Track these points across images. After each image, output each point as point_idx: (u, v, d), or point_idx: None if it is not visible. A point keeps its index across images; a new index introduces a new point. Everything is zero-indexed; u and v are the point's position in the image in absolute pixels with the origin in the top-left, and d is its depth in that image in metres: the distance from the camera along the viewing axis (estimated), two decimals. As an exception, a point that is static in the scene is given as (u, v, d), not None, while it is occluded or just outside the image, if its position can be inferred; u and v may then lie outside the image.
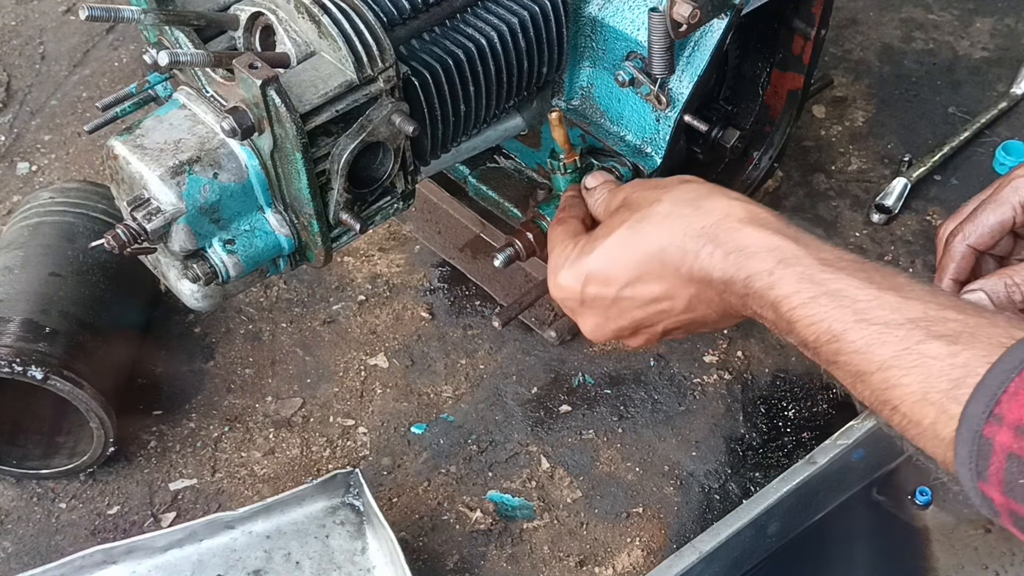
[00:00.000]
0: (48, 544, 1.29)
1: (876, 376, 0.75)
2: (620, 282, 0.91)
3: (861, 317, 0.76)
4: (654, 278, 0.89)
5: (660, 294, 0.90)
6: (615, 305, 0.93)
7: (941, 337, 0.72)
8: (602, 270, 0.92)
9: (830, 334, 0.78)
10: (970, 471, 0.69)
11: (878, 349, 0.74)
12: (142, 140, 0.95)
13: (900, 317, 0.74)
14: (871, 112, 1.79)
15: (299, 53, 0.95)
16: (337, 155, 0.94)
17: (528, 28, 1.08)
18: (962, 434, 0.69)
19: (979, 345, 0.70)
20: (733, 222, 0.84)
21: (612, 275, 0.91)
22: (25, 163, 1.76)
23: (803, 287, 0.79)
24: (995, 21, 1.95)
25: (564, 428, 1.39)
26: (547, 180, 1.34)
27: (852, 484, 1.26)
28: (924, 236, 1.58)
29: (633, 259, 0.89)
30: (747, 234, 0.83)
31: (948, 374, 0.70)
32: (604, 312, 0.94)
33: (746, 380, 1.43)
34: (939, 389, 0.71)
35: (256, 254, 0.99)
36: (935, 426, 0.71)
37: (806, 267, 0.80)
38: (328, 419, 1.40)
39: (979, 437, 0.68)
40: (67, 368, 1.23)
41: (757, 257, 0.82)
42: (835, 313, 0.77)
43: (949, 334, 0.72)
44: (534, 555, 1.27)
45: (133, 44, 1.97)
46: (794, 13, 1.26)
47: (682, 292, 0.89)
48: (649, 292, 0.90)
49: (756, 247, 0.82)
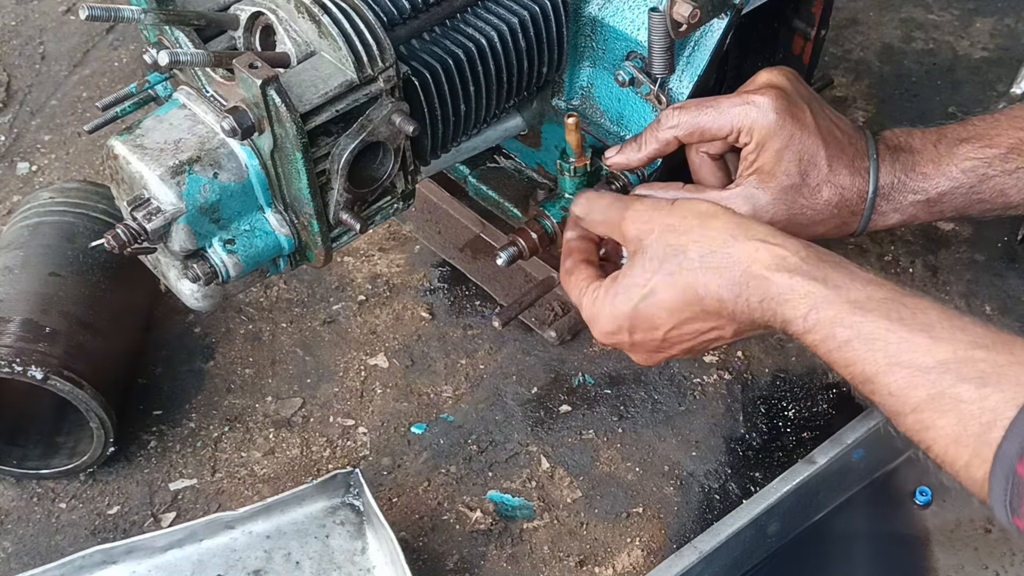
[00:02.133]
0: (48, 544, 1.29)
1: (911, 418, 0.79)
2: (666, 327, 0.95)
3: (893, 361, 0.79)
4: (699, 319, 0.93)
5: (708, 327, 0.93)
6: (665, 342, 0.97)
7: (971, 380, 0.75)
8: (645, 320, 0.95)
9: (864, 376, 0.81)
10: (1005, 508, 0.73)
11: (910, 392, 0.78)
12: (142, 140, 0.95)
13: (931, 360, 0.77)
14: (871, 112, 1.78)
15: (299, 53, 0.95)
16: (337, 155, 0.95)
17: (528, 28, 1.08)
18: (996, 473, 0.73)
19: (1007, 386, 0.74)
20: (760, 269, 0.86)
21: (656, 322, 0.94)
22: (25, 163, 1.76)
23: (836, 331, 0.82)
24: (995, 21, 1.95)
25: (564, 428, 1.39)
26: (547, 180, 1.34)
27: (852, 484, 1.26)
28: (924, 236, 1.58)
29: (675, 307, 0.92)
30: (776, 282, 0.86)
31: (979, 418, 0.74)
32: (656, 348, 0.98)
33: (746, 380, 1.43)
34: (971, 432, 0.74)
35: (256, 254, 0.99)
36: (968, 468, 0.76)
37: (838, 311, 0.82)
38: (328, 419, 1.40)
39: (1013, 475, 0.72)
40: (67, 368, 1.23)
41: (789, 304, 0.85)
42: (868, 356, 0.80)
43: (979, 376, 0.75)
44: (534, 555, 1.27)
45: (133, 44, 1.97)
46: (794, 13, 1.26)
47: (728, 326, 0.92)
48: (697, 328, 0.94)
49: (787, 294, 0.85)
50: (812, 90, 1.04)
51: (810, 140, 1.00)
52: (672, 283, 0.91)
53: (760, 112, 0.98)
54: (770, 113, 0.98)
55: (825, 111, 1.03)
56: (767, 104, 0.98)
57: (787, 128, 0.99)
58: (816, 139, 1.00)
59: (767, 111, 0.98)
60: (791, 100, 1.00)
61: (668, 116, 1.02)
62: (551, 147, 1.29)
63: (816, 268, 0.85)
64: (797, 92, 1.01)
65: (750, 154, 1.01)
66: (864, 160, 1.03)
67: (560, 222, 1.11)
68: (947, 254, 1.56)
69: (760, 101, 0.99)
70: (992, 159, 1.01)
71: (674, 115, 1.02)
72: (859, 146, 1.03)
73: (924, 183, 1.03)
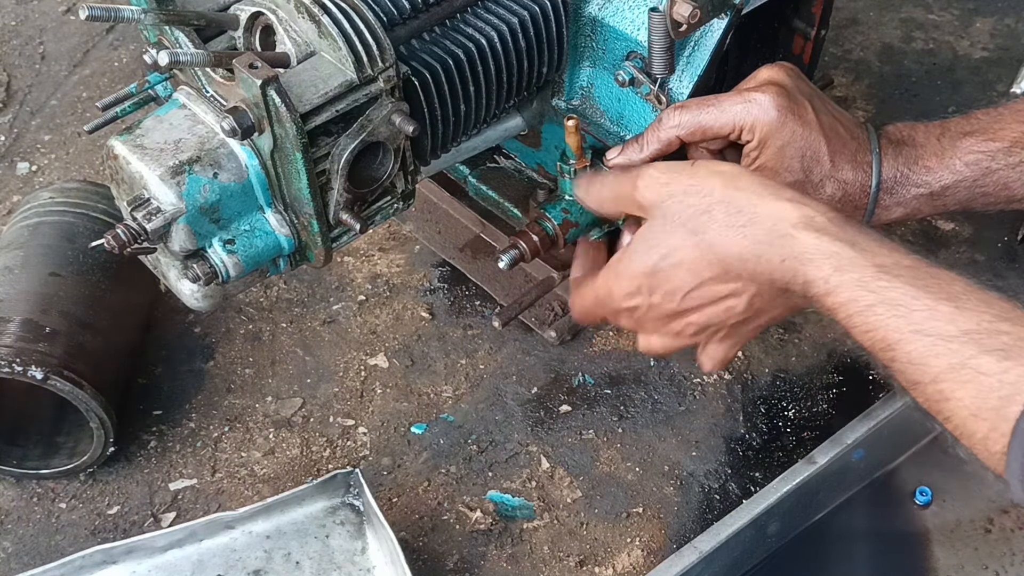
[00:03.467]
0: (48, 544, 1.29)
1: (930, 387, 0.77)
2: (686, 288, 0.92)
3: (916, 328, 0.78)
4: (718, 281, 0.90)
5: (725, 292, 0.91)
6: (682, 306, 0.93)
7: (993, 352, 0.74)
8: (665, 280, 0.92)
9: (885, 343, 0.80)
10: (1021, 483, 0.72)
11: (932, 361, 0.77)
12: (142, 140, 0.95)
13: (954, 329, 0.76)
14: (871, 112, 1.78)
15: (299, 53, 0.95)
16: (337, 155, 0.95)
17: (528, 28, 1.08)
18: (1013, 448, 0.72)
19: None
20: (787, 227, 0.84)
21: (676, 283, 0.92)
22: (25, 163, 1.76)
23: (860, 295, 0.81)
24: (995, 21, 1.95)
25: (564, 428, 1.39)
26: (547, 180, 1.34)
27: (852, 484, 1.26)
28: (924, 236, 1.58)
29: (697, 267, 0.90)
30: (802, 240, 0.84)
31: (998, 391, 0.73)
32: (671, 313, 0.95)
33: (746, 380, 1.43)
34: (990, 406, 0.73)
35: (256, 254, 0.99)
36: (986, 441, 0.75)
37: (862, 274, 0.81)
38: (328, 419, 1.40)
39: None
40: (67, 368, 1.23)
41: (813, 264, 0.83)
42: (891, 322, 0.79)
43: (1001, 348, 0.74)
44: (534, 555, 1.27)
45: (133, 44, 1.97)
46: (794, 13, 1.26)
47: (745, 291, 0.90)
48: (714, 292, 0.91)
49: (812, 253, 0.83)
50: (813, 85, 1.04)
51: (812, 136, 1.00)
52: (696, 243, 0.89)
53: (761, 110, 0.98)
54: (771, 110, 0.98)
55: (827, 106, 1.03)
56: (768, 102, 0.98)
57: (789, 125, 0.98)
58: (818, 135, 1.00)
59: (768, 108, 0.98)
60: (792, 97, 0.99)
61: (669, 116, 1.02)
62: (551, 147, 1.29)
63: (843, 231, 0.83)
64: (798, 88, 1.01)
65: (752, 151, 1.01)
66: (867, 155, 1.03)
67: (561, 224, 1.11)
68: (947, 254, 1.56)
69: (761, 99, 0.99)
70: (995, 152, 1.01)
71: (675, 114, 1.02)
72: (861, 141, 1.03)
73: (927, 177, 1.03)
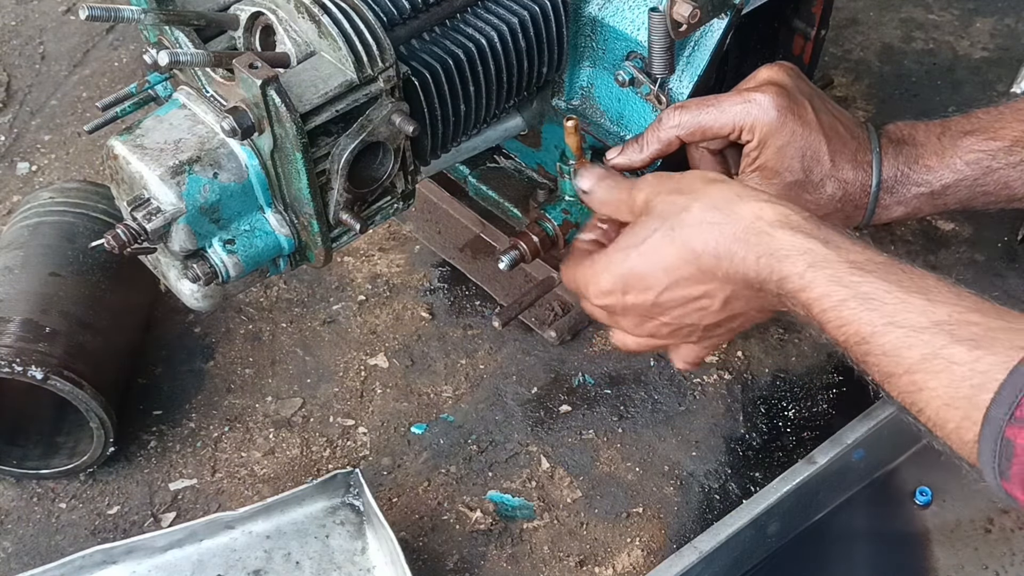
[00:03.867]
0: (48, 544, 1.29)
1: (904, 379, 0.78)
2: (659, 286, 0.93)
3: (889, 320, 0.78)
4: (693, 282, 0.91)
5: (699, 294, 0.92)
6: (656, 306, 0.94)
7: (964, 341, 0.75)
8: (639, 279, 0.93)
9: (859, 336, 0.80)
10: (993, 471, 0.73)
11: (905, 352, 0.77)
12: (142, 140, 0.95)
13: (926, 321, 0.77)
14: (871, 112, 1.78)
15: (299, 53, 0.95)
16: (337, 155, 0.95)
17: (528, 28, 1.08)
18: (985, 436, 0.72)
19: (999, 349, 0.73)
20: (764, 225, 0.86)
21: (650, 281, 0.93)
22: (25, 163, 1.76)
23: (833, 290, 0.82)
24: (995, 21, 1.95)
25: (564, 428, 1.39)
26: (547, 180, 1.34)
27: (852, 484, 1.26)
28: (924, 236, 1.58)
29: (671, 264, 0.91)
30: (778, 237, 0.85)
31: (970, 380, 0.74)
32: (646, 313, 0.96)
33: (746, 380, 1.43)
34: (962, 395, 0.74)
35: (256, 254, 0.99)
36: (959, 430, 0.75)
37: (836, 270, 0.82)
38: (328, 419, 1.40)
39: (1001, 439, 0.71)
40: (67, 368, 1.23)
41: (788, 260, 0.84)
42: (864, 316, 0.80)
43: (972, 338, 0.75)
44: (534, 555, 1.27)
45: (133, 44, 1.97)
46: (794, 13, 1.26)
47: (719, 292, 0.91)
48: (688, 293, 0.92)
49: (787, 250, 0.84)
50: (813, 85, 1.05)
51: (812, 136, 1.00)
52: (672, 239, 0.90)
53: (761, 110, 0.99)
54: (771, 111, 0.98)
55: (827, 106, 1.03)
56: (768, 102, 0.99)
57: (789, 125, 0.99)
58: (818, 135, 1.00)
59: (768, 108, 0.98)
60: (792, 96, 1.00)
61: (669, 116, 1.02)
62: (551, 147, 1.29)
63: (818, 229, 0.85)
64: (798, 88, 1.01)
65: (752, 151, 1.01)
66: (867, 154, 1.03)
67: (561, 224, 1.11)
68: (947, 254, 1.56)
69: (761, 99, 0.99)
70: (996, 151, 1.01)
71: (675, 115, 1.02)
72: (861, 140, 1.04)
73: (928, 175, 1.03)
